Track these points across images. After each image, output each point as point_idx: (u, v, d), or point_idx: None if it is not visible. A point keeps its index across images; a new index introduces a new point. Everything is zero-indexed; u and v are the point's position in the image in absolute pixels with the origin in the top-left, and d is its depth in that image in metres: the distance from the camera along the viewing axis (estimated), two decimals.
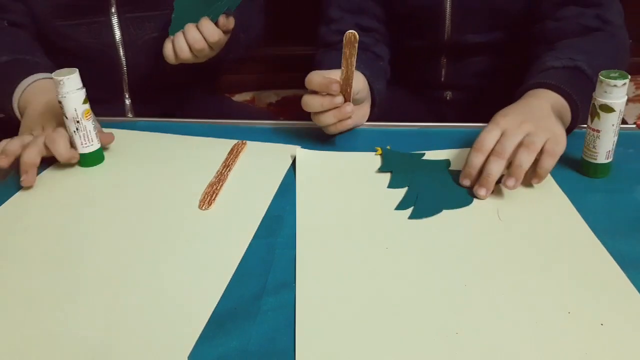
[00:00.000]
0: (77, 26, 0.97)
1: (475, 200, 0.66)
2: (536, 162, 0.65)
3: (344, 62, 0.72)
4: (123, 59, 1.00)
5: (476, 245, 0.59)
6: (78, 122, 0.74)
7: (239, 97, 1.60)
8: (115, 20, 0.98)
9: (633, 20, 1.44)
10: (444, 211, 0.65)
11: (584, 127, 0.70)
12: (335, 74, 0.75)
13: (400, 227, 0.63)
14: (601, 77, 0.66)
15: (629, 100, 0.69)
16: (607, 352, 0.46)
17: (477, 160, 0.67)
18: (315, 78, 0.75)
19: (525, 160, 0.64)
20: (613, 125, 0.67)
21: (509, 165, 0.66)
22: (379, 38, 1.02)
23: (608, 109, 0.66)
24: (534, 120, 0.68)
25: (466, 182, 0.68)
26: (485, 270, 0.56)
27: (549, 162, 0.65)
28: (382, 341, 0.48)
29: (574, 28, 0.87)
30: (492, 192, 0.67)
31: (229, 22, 0.86)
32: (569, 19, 0.88)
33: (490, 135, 0.67)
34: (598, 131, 0.68)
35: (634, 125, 0.83)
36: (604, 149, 0.69)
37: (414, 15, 1.00)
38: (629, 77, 0.66)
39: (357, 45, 0.70)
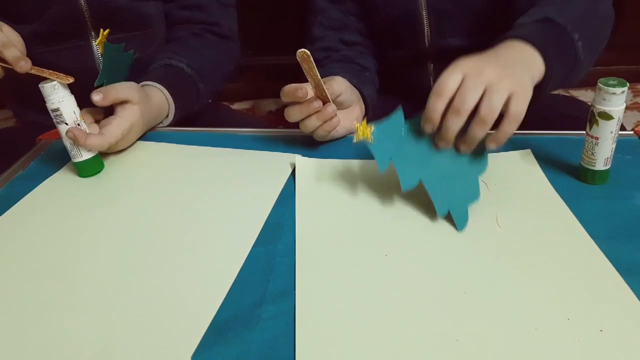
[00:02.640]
0: (57, 52, 0.96)
1: (474, 205, 0.67)
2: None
3: (307, 76, 0.73)
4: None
5: (475, 252, 0.60)
6: (79, 124, 0.74)
7: (239, 106, 1.61)
8: (94, 44, 0.97)
9: (632, 26, 1.45)
10: (442, 218, 0.65)
11: (582, 134, 0.70)
12: (308, 85, 0.76)
13: (399, 235, 0.63)
14: (600, 85, 0.66)
15: (626, 108, 0.70)
16: (607, 358, 0.46)
17: (439, 105, 0.62)
18: (285, 89, 0.76)
19: (480, 134, 0.62)
20: (611, 132, 0.67)
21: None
22: (363, 50, 1.04)
23: (607, 116, 0.66)
24: (498, 66, 0.63)
25: (428, 128, 0.64)
26: (484, 277, 0.56)
27: (511, 127, 0.61)
28: (381, 348, 0.48)
29: None
30: (491, 198, 0.68)
31: (103, 100, 0.77)
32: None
33: (451, 79, 0.62)
34: (597, 138, 0.68)
35: (632, 132, 0.83)
36: (602, 156, 0.69)
37: (392, 26, 1.01)
38: (628, 84, 0.66)
39: (312, 59, 0.70)
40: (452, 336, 0.49)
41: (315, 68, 0.71)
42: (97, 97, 0.75)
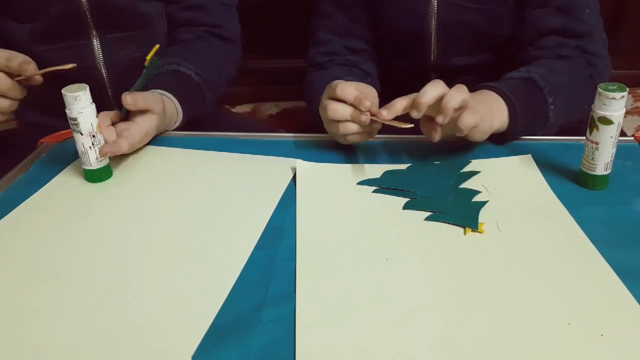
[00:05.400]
0: (57, 51, 0.96)
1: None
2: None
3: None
4: (107, 80, 1.00)
5: (476, 257, 0.60)
6: (94, 136, 0.74)
7: (240, 109, 1.61)
8: (96, 43, 0.98)
9: (632, 30, 1.46)
10: (442, 222, 0.65)
11: (582, 140, 0.71)
12: (361, 87, 0.77)
13: (400, 239, 0.63)
14: (600, 90, 0.66)
15: (627, 113, 0.70)
16: None
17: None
18: (350, 90, 0.74)
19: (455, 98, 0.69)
20: (612, 137, 0.67)
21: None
22: (367, 57, 1.04)
23: (607, 121, 0.66)
24: (480, 102, 0.73)
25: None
26: (484, 281, 0.56)
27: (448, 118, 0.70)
28: (381, 352, 0.48)
29: (552, 58, 0.90)
30: (491, 203, 0.68)
31: (133, 105, 0.79)
32: (549, 49, 0.90)
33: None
34: (597, 143, 0.68)
35: (632, 138, 0.83)
36: (603, 161, 0.69)
37: (399, 39, 1.02)
38: (628, 89, 0.66)
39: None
40: (452, 340, 0.49)
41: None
42: (130, 100, 0.77)
